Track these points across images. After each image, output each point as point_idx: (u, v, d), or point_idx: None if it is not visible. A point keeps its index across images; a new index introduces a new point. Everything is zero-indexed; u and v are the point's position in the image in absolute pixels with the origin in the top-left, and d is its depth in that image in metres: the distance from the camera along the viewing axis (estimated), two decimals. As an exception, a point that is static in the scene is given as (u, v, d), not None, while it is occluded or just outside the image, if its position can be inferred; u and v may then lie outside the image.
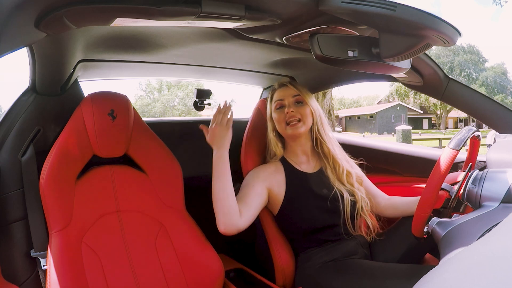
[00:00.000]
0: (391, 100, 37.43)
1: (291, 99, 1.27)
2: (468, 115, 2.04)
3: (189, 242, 1.20)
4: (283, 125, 1.27)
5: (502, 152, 1.01)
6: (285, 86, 1.31)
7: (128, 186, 1.21)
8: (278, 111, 1.29)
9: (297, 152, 1.32)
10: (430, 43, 0.78)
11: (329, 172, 1.30)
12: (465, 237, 0.76)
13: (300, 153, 1.32)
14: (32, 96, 1.15)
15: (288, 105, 1.27)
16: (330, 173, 1.30)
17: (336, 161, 1.30)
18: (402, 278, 1.04)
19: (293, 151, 1.33)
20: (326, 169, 1.31)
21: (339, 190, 1.26)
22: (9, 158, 1.11)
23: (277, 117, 1.28)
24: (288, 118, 1.25)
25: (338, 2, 0.71)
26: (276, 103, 1.30)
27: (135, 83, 51.34)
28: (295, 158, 1.33)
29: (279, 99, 1.29)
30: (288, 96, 1.28)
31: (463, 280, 0.33)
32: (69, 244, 1.05)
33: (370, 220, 1.31)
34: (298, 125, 1.25)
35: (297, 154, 1.32)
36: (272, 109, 1.31)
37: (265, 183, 1.25)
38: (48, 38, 0.80)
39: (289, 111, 1.25)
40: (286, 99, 1.28)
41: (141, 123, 1.26)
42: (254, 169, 1.31)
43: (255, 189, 1.22)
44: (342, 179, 1.29)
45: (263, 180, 1.25)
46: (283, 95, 1.29)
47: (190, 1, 0.72)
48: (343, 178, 1.28)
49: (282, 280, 1.28)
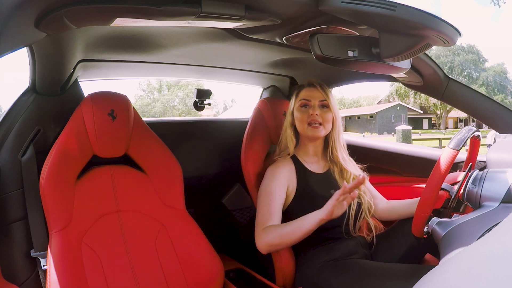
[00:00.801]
0: (391, 100, 37.43)
1: (318, 102, 1.28)
2: (468, 115, 2.04)
3: (189, 242, 1.20)
4: (304, 125, 1.27)
5: (502, 152, 1.01)
6: (314, 87, 1.30)
7: (128, 186, 1.21)
8: (301, 110, 1.29)
9: (309, 152, 1.34)
10: (430, 43, 0.78)
11: (337, 174, 1.32)
12: (465, 237, 0.76)
13: (311, 153, 1.34)
14: (32, 96, 1.15)
15: (314, 107, 1.27)
16: (337, 175, 1.32)
17: (343, 168, 1.32)
18: (402, 278, 1.04)
19: (305, 150, 1.34)
20: (334, 171, 1.33)
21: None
22: (9, 158, 1.10)
23: (300, 116, 1.29)
24: (311, 120, 1.26)
25: (338, 2, 0.71)
26: (301, 101, 1.30)
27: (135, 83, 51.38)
28: (306, 157, 1.34)
29: (306, 98, 1.29)
30: (315, 98, 1.28)
31: (463, 280, 0.33)
32: (69, 244, 1.05)
33: (372, 222, 1.32)
34: (319, 128, 1.26)
35: (308, 154, 1.34)
36: (296, 106, 1.31)
37: (285, 186, 1.26)
38: (48, 38, 0.80)
39: (314, 113, 1.25)
40: (313, 101, 1.28)
41: (141, 123, 1.26)
42: (272, 172, 1.28)
43: (281, 196, 1.24)
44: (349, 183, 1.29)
45: (284, 184, 1.26)
46: (310, 96, 1.29)
47: (190, 1, 0.72)
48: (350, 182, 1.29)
49: (282, 280, 1.28)
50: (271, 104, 1.51)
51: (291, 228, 1.14)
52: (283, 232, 1.14)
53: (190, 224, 1.23)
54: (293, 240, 1.14)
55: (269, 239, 1.15)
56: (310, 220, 1.10)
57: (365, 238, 1.32)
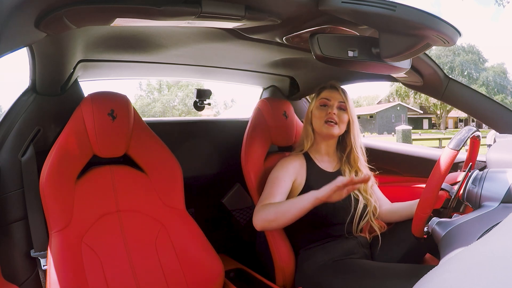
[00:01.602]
0: (391, 100, 37.42)
1: (336, 103, 1.33)
2: (468, 115, 2.04)
3: (189, 242, 1.20)
4: (321, 122, 1.32)
5: (502, 152, 1.01)
6: (335, 89, 1.35)
7: (128, 186, 1.21)
8: (321, 108, 1.34)
9: (321, 151, 1.38)
10: (430, 43, 0.78)
11: (347, 175, 1.34)
12: (465, 237, 0.76)
13: (323, 152, 1.38)
14: (32, 96, 1.15)
15: (332, 107, 1.32)
16: (347, 176, 1.34)
17: (359, 169, 1.36)
18: (402, 278, 1.04)
19: (318, 148, 1.38)
20: (344, 172, 1.36)
21: (355, 194, 1.31)
22: (9, 158, 1.10)
23: (318, 114, 1.33)
24: (328, 118, 1.30)
25: (338, 2, 0.71)
26: (321, 100, 1.35)
27: (135, 83, 51.33)
28: (318, 156, 1.38)
29: (326, 98, 1.34)
30: (334, 99, 1.33)
31: (463, 280, 0.33)
32: (69, 244, 1.05)
33: (376, 224, 1.33)
34: (335, 127, 1.31)
35: (321, 153, 1.38)
36: (315, 105, 1.36)
37: (292, 177, 1.30)
38: (48, 38, 0.80)
39: (332, 112, 1.30)
40: (332, 101, 1.33)
41: (141, 123, 1.26)
42: (282, 162, 1.33)
43: (287, 184, 1.27)
44: (361, 186, 1.33)
45: (292, 174, 1.29)
46: (330, 96, 1.34)
47: (190, 1, 0.72)
48: (362, 185, 1.33)
49: (282, 280, 1.29)
50: (271, 104, 1.51)
51: (287, 204, 1.14)
52: (278, 208, 1.14)
53: (190, 224, 1.23)
54: (288, 217, 1.12)
55: (264, 215, 1.15)
56: (306, 197, 1.10)
57: (365, 238, 1.33)
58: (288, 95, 1.86)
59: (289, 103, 1.58)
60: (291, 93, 1.84)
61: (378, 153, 1.71)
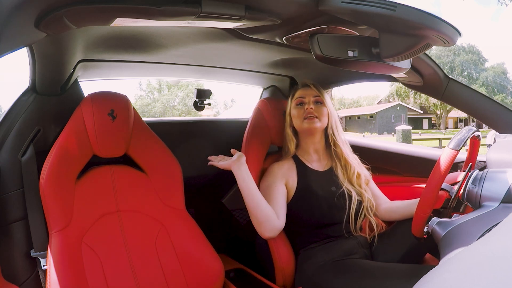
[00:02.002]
0: (391, 100, 37.41)
1: (312, 98, 1.35)
2: (468, 115, 2.04)
3: (189, 242, 1.20)
4: (300, 119, 1.33)
5: (502, 152, 1.00)
6: (307, 86, 1.38)
7: (128, 186, 1.21)
8: (297, 107, 1.36)
9: (309, 151, 1.38)
10: (430, 43, 0.78)
11: (339, 171, 1.35)
12: (465, 237, 0.76)
13: (312, 152, 1.38)
14: (32, 96, 1.15)
15: (308, 103, 1.33)
16: (340, 172, 1.35)
17: (347, 162, 1.35)
18: (402, 278, 1.04)
19: (305, 149, 1.38)
20: (336, 168, 1.36)
21: (348, 190, 1.31)
22: (9, 158, 1.10)
23: (296, 113, 1.35)
24: (307, 114, 1.31)
25: (338, 2, 0.71)
26: (297, 99, 1.37)
27: (135, 83, 51.33)
28: (307, 156, 1.38)
29: (300, 96, 1.36)
30: (309, 95, 1.35)
31: (463, 280, 0.33)
32: (69, 244, 1.04)
33: (374, 221, 1.32)
34: (315, 120, 1.31)
35: (309, 153, 1.38)
36: (292, 106, 1.38)
37: (283, 180, 1.31)
38: (48, 38, 0.80)
39: (309, 108, 1.32)
40: (307, 97, 1.35)
41: (141, 123, 1.26)
42: (271, 168, 1.35)
43: (278, 189, 1.28)
44: (352, 180, 1.34)
45: (282, 178, 1.31)
46: (305, 94, 1.36)
47: (190, 1, 0.72)
48: (353, 179, 1.34)
49: (282, 280, 1.28)
50: (271, 104, 1.51)
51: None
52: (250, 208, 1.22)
53: (190, 224, 1.23)
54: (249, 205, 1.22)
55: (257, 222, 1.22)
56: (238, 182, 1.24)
57: (365, 237, 1.32)
58: (288, 95, 1.85)
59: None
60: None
61: (378, 153, 1.71)
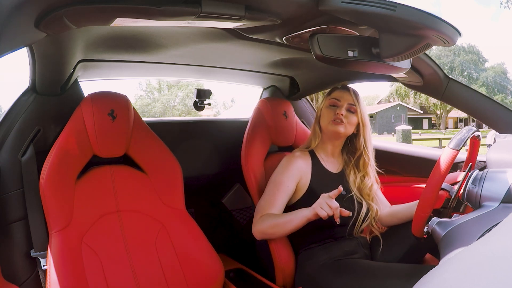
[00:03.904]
0: (391, 100, 37.39)
1: (346, 105, 1.31)
2: (468, 115, 2.04)
3: (189, 242, 1.20)
4: (328, 121, 1.30)
5: (502, 152, 1.00)
6: (347, 90, 1.34)
7: (128, 186, 1.21)
8: (329, 108, 1.33)
9: (327, 151, 1.37)
10: (430, 43, 0.78)
11: (351, 177, 1.34)
12: (465, 237, 0.76)
13: (329, 152, 1.37)
14: (32, 96, 1.15)
15: (341, 107, 1.30)
16: (351, 178, 1.34)
17: (367, 174, 1.35)
18: (402, 278, 1.04)
19: (324, 148, 1.37)
20: (349, 174, 1.35)
21: (357, 197, 1.31)
22: (9, 158, 1.10)
23: (326, 113, 1.32)
24: (336, 117, 1.29)
25: (338, 2, 0.71)
26: (331, 100, 1.33)
27: (135, 83, 51.22)
28: (324, 155, 1.37)
29: (336, 98, 1.33)
30: (344, 100, 1.31)
31: (463, 280, 0.33)
32: (69, 244, 1.04)
33: (376, 228, 1.33)
34: (341, 125, 1.29)
35: (327, 152, 1.37)
36: (325, 104, 1.35)
37: (296, 178, 1.29)
38: (48, 38, 0.80)
39: (340, 113, 1.28)
40: (342, 101, 1.31)
41: (141, 123, 1.26)
42: (287, 163, 1.31)
43: (289, 188, 1.27)
44: (365, 190, 1.33)
45: (296, 176, 1.29)
46: (341, 97, 1.32)
47: (190, 1, 0.72)
48: (366, 190, 1.33)
49: (282, 280, 1.28)
50: (271, 104, 1.51)
51: (283, 220, 1.19)
52: (276, 223, 1.19)
53: (190, 224, 1.23)
54: (285, 232, 1.20)
55: (263, 227, 1.21)
56: (299, 217, 1.16)
57: (365, 238, 1.33)
58: (288, 95, 1.86)
59: (289, 103, 1.58)
60: (291, 93, 1.84)
61: (378, 153, 1.70)
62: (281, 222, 1.18)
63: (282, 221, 1.18)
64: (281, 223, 1.18)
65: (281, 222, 1.18)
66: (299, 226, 1.16)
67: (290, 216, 1.17)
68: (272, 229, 1.19)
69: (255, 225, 1.23)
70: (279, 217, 1.19)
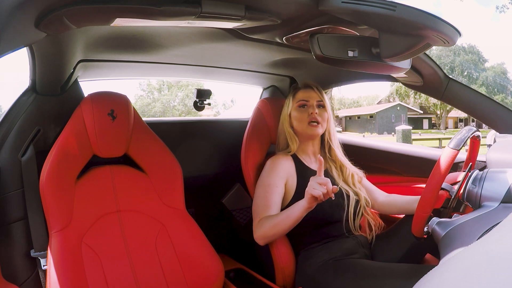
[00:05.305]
0: (391, 100, 37.41)
1: (315, 102, 1.33)
2: (468, 115, 2.04)
3: (189, 242, 1.20)
4: (304, 124, 1.31)
5: (502, 152, 1.01)
6: (310, 88, 1.35)
7: (128, 186, 1.21)
8: (300, 110, 1.34)
9: (308, 152, 1.38)
10: (430, 43, 0.78)
11: (334, 173, 1.36)
12: (465, 237, 0.76)
13: (310, 153, 1.38)
14: (32, 96, 1.15)
15: (312, 107, 1.32)
16: (335, 174, 1.36)
17: (343, 165, 1.37)
18: (402, 278, 1.04)
19: (304, 150, 1.38)
20: (331, 170, 1.37)
21: (345, 189, 1.32)
22: (9, 158, 1.10)
23: (299, 116, 1.33)
24: (311, 119, 1.30)
25: (338, 2, 0.71)
26: (299, 102, 1.34)
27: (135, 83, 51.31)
28: (305, 156, 1.38)
29: (304, 99, 1.34)
30: (312, 99, 1.34)
31: (463, 280, 0.33)
32: (69, 244, 1.04)
33: (372, 218, 1.34)
34: (318, 126, 1.31)
35: (308, 153, 1.38)
36: (294, 107, 1.36)
37: (284, 180, 1.29)
38: (48, 38, 0.80)
39: (314, 113, 1.30)
40: (311, 101, 1.33)
41: (141, 123, 1.26)
42: (272, 165, 1.31)
43: (279, 189, 1.27)
44: (348, 181, 1.35)
45: (283, 177, 1.29)
46: (308, 97, 1.34)
47: (190, 1, 0.72)
48: (349, 180, 1.35)
49: (282, 280, 1.28)
50: (271, 104, 1.51)
51: (281, 218, 1.16)
52: (275, 222, 1.16)
53: (190, 224, 1.23)
54: (285, 229, 1.16)
55: (264, 231, 1.19)
56: (297, 209, 1.11)
57: (365, 237, 1.33)
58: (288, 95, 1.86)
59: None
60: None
61: (378, 153, 1.71)
62: (280, 220, 1.16)
63: (280, 218, 1.16)
64: (280, 221, 1.16)
65: (280, 220, 1.16)
66: (298, 219, 1.13)
67: (287, 212, 1.16)
68: (272, 230, 1.17)
69: (255, 232, 1.22)
70: (276, 217, 1.18)
